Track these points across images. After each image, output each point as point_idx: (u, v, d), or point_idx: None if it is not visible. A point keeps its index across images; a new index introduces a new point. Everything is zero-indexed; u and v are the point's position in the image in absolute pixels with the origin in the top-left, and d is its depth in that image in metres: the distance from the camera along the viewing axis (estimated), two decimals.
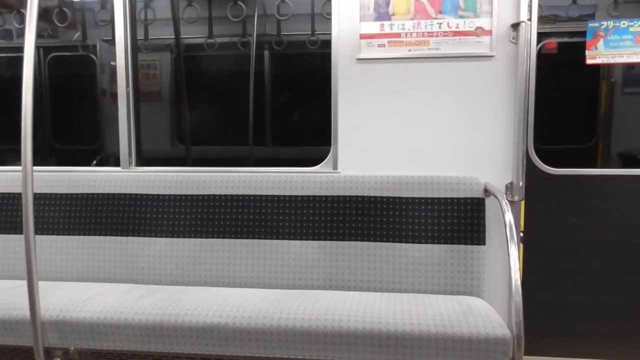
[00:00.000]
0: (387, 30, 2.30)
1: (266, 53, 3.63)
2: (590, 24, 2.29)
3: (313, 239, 2.30)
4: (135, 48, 2.61)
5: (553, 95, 2.91)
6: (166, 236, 2.39)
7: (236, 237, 2.35)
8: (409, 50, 2.30)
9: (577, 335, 2.45)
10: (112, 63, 2.97)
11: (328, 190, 2.31)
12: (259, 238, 2.33)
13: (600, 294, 2.42)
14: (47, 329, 1.94)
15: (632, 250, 2.40)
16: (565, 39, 2.86)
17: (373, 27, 2.31)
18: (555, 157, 2.49)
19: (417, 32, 2.28)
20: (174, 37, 3.36)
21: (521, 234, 2.35)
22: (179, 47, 3.42)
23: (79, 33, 3.66)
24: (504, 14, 2.24)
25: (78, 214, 2.46)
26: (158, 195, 2.41)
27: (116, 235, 2.42)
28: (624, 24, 2.27)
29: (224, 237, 2.35)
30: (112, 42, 2.61)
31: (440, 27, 2.27)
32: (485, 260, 2.19)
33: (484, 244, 2.19)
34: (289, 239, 2.31)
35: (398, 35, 2.30)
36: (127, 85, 2.55)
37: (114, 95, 2.58)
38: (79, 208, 2.46)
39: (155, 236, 2.39)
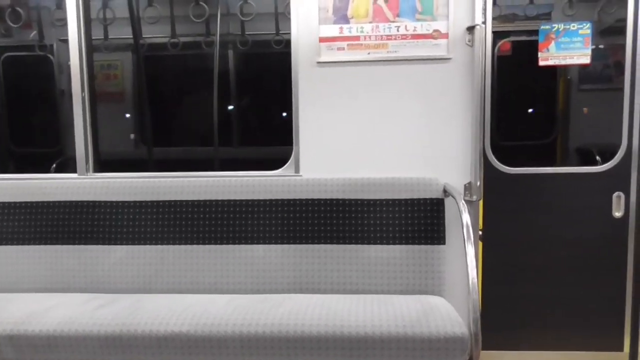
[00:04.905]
0: (346, 33, 2.31)
1: (230, 53, 3.59)
2: (542, 27, 2.36)
3: (276, 243, 2.30)
4: (91, 48, 2.55)
5: (512, 94, 2.98)
6: (126, 243, 2.35)
7: (199, 243, 2.33)
8: (368, 54, 2.31)
9: (535, 328, 2.53)
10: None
11: (290, 194, 2.31)
12: (222, 243, 2.32)
13: (556, 288, 2.51)
14: (1, 343, 1.89)
15: (586, 245, 2.49)
16: (524, 38, 2.92)
17: (332, 30, 2.31)
18: (516, 154, 2.54)
19: (376, 35, 2.30)
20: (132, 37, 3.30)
21: (480, 233, 2.41)
22: (138, 47, 3.36)
23: (34, 32, 3.55)
24: (460, 16, 2.27)
25: (34, 222, 2.39)
26: (117, 202, 2.37)
27: (74, 243, 2.36)
28: (573, 26, 2.34)
29: (186, 244, 2.33)
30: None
31: (398, 30, 2.29)
32: (446, 259, 2.23)
33: (444, 243, 2.23)
34: (253, 243, 2.31)
35: (357, 38, 2.31)
36: (83, 89, 2.49)
37: None
38: (35, 217, 2.40)
39: (115, 244, 2.35)
